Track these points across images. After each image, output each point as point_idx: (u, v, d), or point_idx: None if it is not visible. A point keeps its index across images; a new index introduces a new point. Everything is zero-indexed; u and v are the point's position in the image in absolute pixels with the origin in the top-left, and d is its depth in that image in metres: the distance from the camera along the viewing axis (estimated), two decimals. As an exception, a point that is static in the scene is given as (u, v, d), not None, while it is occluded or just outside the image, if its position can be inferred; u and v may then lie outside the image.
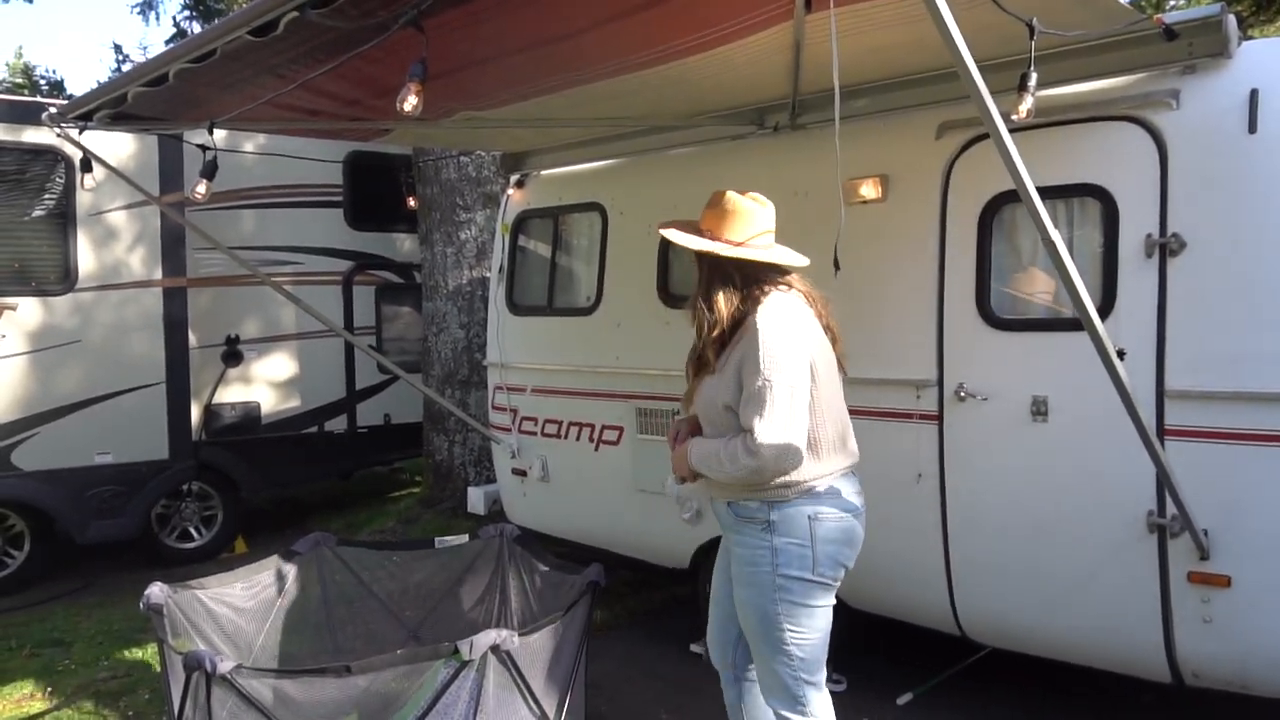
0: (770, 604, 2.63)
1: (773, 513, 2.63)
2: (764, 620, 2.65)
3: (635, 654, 4.59)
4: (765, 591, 2.64)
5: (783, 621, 2.63)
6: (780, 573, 2.62)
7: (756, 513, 2.65)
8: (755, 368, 2.51)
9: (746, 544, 2.68)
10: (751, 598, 2.68)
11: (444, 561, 3.86)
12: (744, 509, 2.67)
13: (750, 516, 2.66)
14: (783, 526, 2.62)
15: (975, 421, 3.47)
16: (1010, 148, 2.10)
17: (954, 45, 1.89)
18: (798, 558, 2.62)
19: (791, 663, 2.66)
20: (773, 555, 2.62)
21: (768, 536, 2.63)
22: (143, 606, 3.02)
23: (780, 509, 2.62)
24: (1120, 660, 3.31)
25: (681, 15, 2.69)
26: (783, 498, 2.62)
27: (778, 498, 2.62)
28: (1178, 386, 3.03)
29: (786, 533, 2.62)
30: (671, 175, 4.54)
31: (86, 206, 6.12)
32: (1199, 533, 2.94)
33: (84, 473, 6.17)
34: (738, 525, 2.71)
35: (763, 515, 2.64)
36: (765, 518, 2.64)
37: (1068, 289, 2.40)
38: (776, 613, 2.63)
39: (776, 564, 2.62)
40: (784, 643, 2.64)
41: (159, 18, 24.88)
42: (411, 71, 2.21)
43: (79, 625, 5.53)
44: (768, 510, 2.63)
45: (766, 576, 2.63)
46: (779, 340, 2.55)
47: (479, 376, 6.92)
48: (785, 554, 2.62)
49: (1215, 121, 3.01)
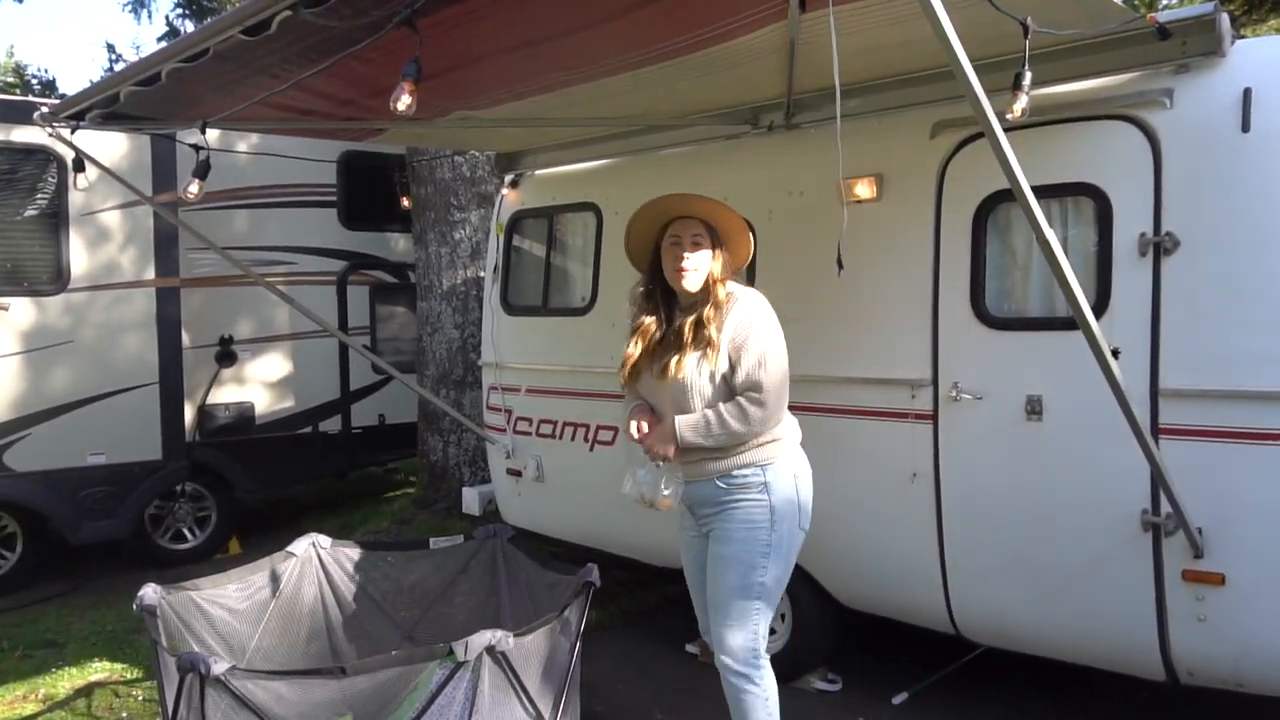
0: (761, 557, 2.89)
1: (766, 474, 2.90)
2: (748, 573, 2.89)
3: (630, 654, 4.58)
4: (757, 547, 2.89)
5: (764, 575, 2.90)
6: (778, 526, 2.90)
7: (752, 478, 2.91)
8: (759, 337, 2.87)
9: (741, 508, 2.91)
10: (739, 553, 2.90)
11: (439, 562, 3.85)
12: (738, 478, 2.91)
13: (745, 483, 2.91)
14: (776, 487, 2.91)
15: (970, 421, 3.47)
16: (1005, 147, 2.10)
17: (948, 44, 1.88)
18: (789, 515, 2.93)
19: (756, 619, 2.92)
20: (770, 514, 2.89)
21: (764, 497, 2.89)
22: (136, 608, 3.00)
23: (770, 470, 2.91)
24: (1115, 659, 3.31)
25: (676, 14, 2.69)
26: (769, 459, 2.91)
27: (765, 460, 2.91)
28: (1172, 385, 3.04)
29: (780, 492, 2.91)
30: (666, 175, 4.51)
31: (79, 206, 6.09)
32: (1193, 531, 2.95)
33: (77, 473, 6.14)
34: (730, 495, 2.92)
35: (758, 479, 2.90)
36: (761, 480, 2.90)
37: (1062, 288, 2.40)
38: (764, 565, 2.90)
39: (774, 521, 2.90)
40: (759, 593, 2.90)
41: (151, 16, 24.83)
42: (405, 71, 2.20)
43: (72, 626, 5.51)
44: (762, 473, 2.90)
45: (763, 533, 2.89)
46: (771, 315, 2.97)
47: (474, 377, 6.91)
48: (780, 512, 2.91)
49: (1209, 120, 3.01)
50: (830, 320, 3.83)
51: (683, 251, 2.95)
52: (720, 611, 2.95)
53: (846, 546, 3.87)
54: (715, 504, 2.95)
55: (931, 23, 1.88)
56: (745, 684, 2.95)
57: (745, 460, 2.90)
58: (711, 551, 3.00)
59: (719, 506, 2.95)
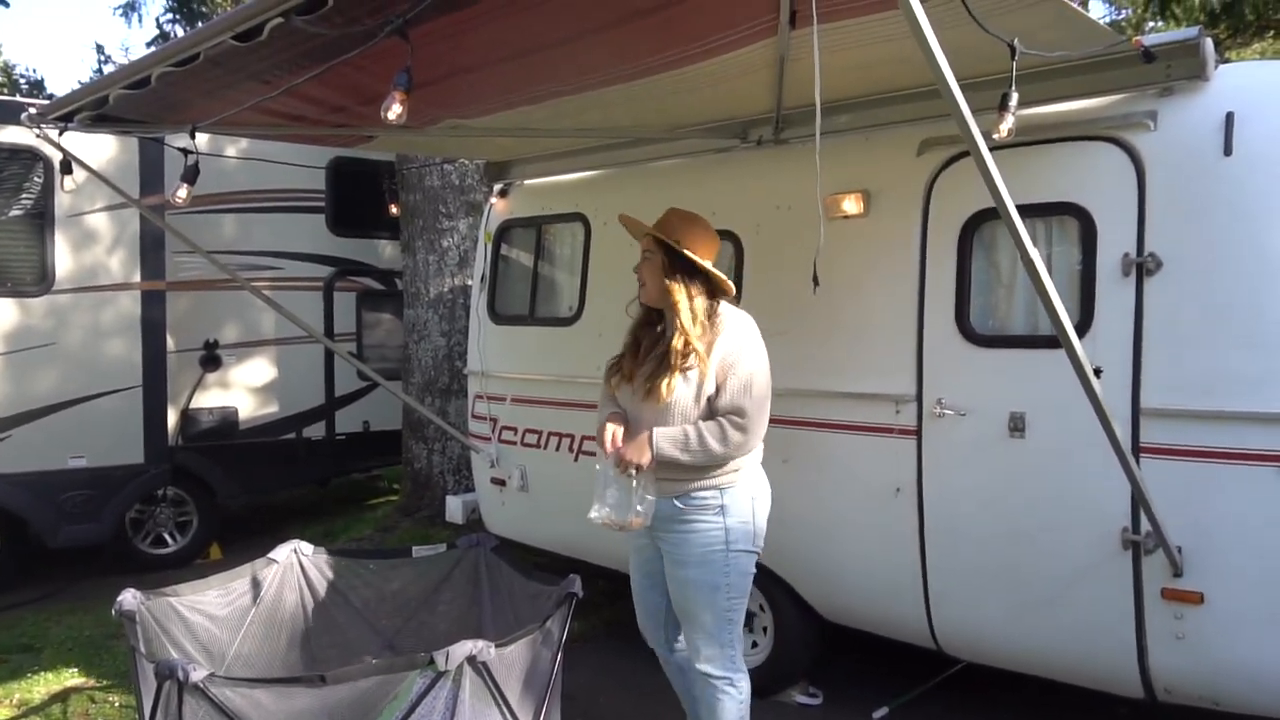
0: (722, 578, 3.00)
1: (724, 497, 2.99)
2: (714, 594, 3.01)
3: (611, 665, 4.57)
4: (718, 568, 3.00)
5: (732, 593, 3.03)
6: (733, 549, 3.00)
7: (710, 499, 3.00)
8: (747, 362, 2.94)
9: (697, 529, 3.00)
10: (703, 575, 3.01)
11: (421, 571, 3.83)
12: (697, 499, 2.99)
13: (704, 504, 3.00)
14: (732, 510, 3.00)
15: (953, 437, 3.49)
16: (990, 166, 2.12)
17: (935, 63, 1.90)
18: (745, 535, 3.02)
19: (731, 629, 3.07)
20: (726, 535, 2.99)
21: (720, 519, 2.99)
22: (115, 613, 2.98)
23: (728, 494, 3.00)
24: (1094, 676, 3.33)
25: (667, 29, 2.70)
26: (730, 483, 3.00)
27: (726, 483, 3.00)
28: (1153, 405, 3.07)
29: (736, 514, 3.00)
30: (655, 187, 4.54)
31: (65, 208, 6.07)
32: (1173, 549, 2.97)
33: (57, 476, 6.09)
34: (687, 515, 3.01)
35: (716, 501, 2.99)
36: (718, 503, 2.99)
37: (1046, 307, 2.42)
38: (727, 584, 3.01)
39: (729, 542, 3.00)
40: (729, 610, 3.04)
41: (141, 20, 24.75)
42: (396, 80, 2.21)
43: (49, 631, 5.45)
44: (720, 495, 2.99)
45: (720, 555, 2.99)
46: (759, 342, 3.03)
47: (459, 385, 6.90)
48: (735, 533, 3.00)
49: (1192, 143, 3.05)
50: (816, 335, 3.85)
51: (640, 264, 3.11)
52: (693, 626, 3.08)
53: (829, 560, 3.88)
54: (672, 522, 3.02)
55: (919, 42, 1.90)
56: (726, 687, 3.07)
57: (706, 483, 2.98)
58: (671, 571, 3.09)
59: (675, 526, 3.02)
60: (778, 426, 3.92)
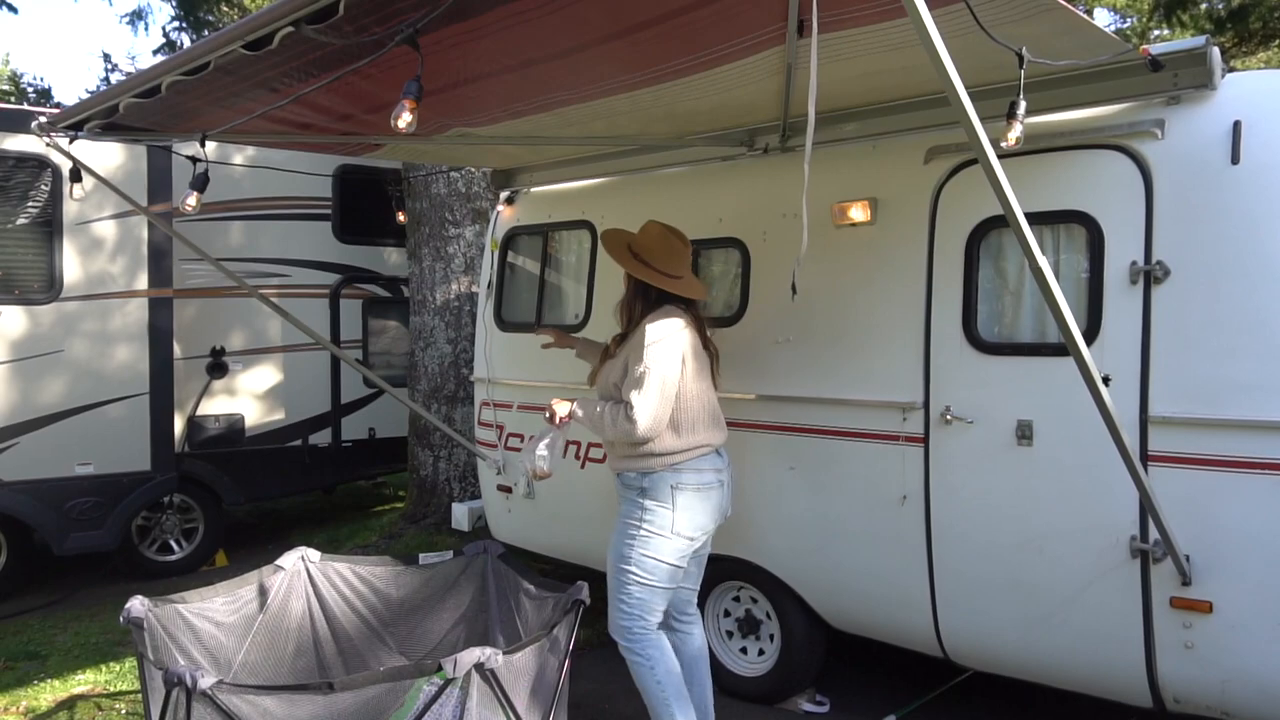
0: (628, 550, 3.35)
1: (644, 481, 3.36)
2: (620, 562, 3.37)
3: (617, 672, 4.52)
4: (629, 541, 3.35)
5: (633, 567, 3.34)
6: (644, 528, 3.34)
7: (634, 481, 3.39)
8: (639, 358, 3.29)
9: (625, 505, 3.43)
10: (616, 543, 3.40)
11: (428, 578, 3.84)
12: (626, 478, 3.42)
13: (629, 484, 3.41)
14: (651, 493, 3.35)
15: (961, 444, 3.48)
16: (999, 174, 2.12)
17: (944, 72, 1.91)
18: (659, 519, 3.33)
19: (630, 601, 3.36)
20: (642, 513, 3.35)
21: (641, 500, 3.37)
22: (123, 620, 2.98)
23: (649, 479, 3.35)
24: (1102, 685, 3.32)
25: (675, 37, 2.71)
26: (651, 469, 3.35)
27: (646, 468, 3.36)
28: (1161, 413, 3.06)
29: (654, 497, 3.34)
30: (662, 195, 4.56)
31: (73, 215, 6.09)
32: (1181, 558, 2.96)
33: (64, 483, 6.10)
34: (622, 491, 3.45)
35: (637, 483, 3.38)
36: (639, 485, 3.38)
37: (1054, 315, 2.42)
38: (630, 558, 3.34)
39: (644, 520, 3.34)
40: (627, 583, 3.35)
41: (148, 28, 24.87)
42: (406, 89, 2.21)
43: (55, 638, 5.46)
44: (641, 479, 3.37)
45: (634, 529, 3.35)
46: (659, 342, 3.31)
47: (465, 392, 6.91)
48: (650, 515, 3.34)
49: (1199, 152, 3.05)
50: (822, 342, 3.86)
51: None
52: (609, 589, 3.46)
53: (836, 568, 3.87)
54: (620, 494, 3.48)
55: (927, 50, 1.91)
56: (628, 654, 3.39)
57: (632, 466, 3.39)
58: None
59: (620, 496, 3.47)
60: (783, 434, 3.97)
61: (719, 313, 4.25)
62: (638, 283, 3.48)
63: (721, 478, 3.47)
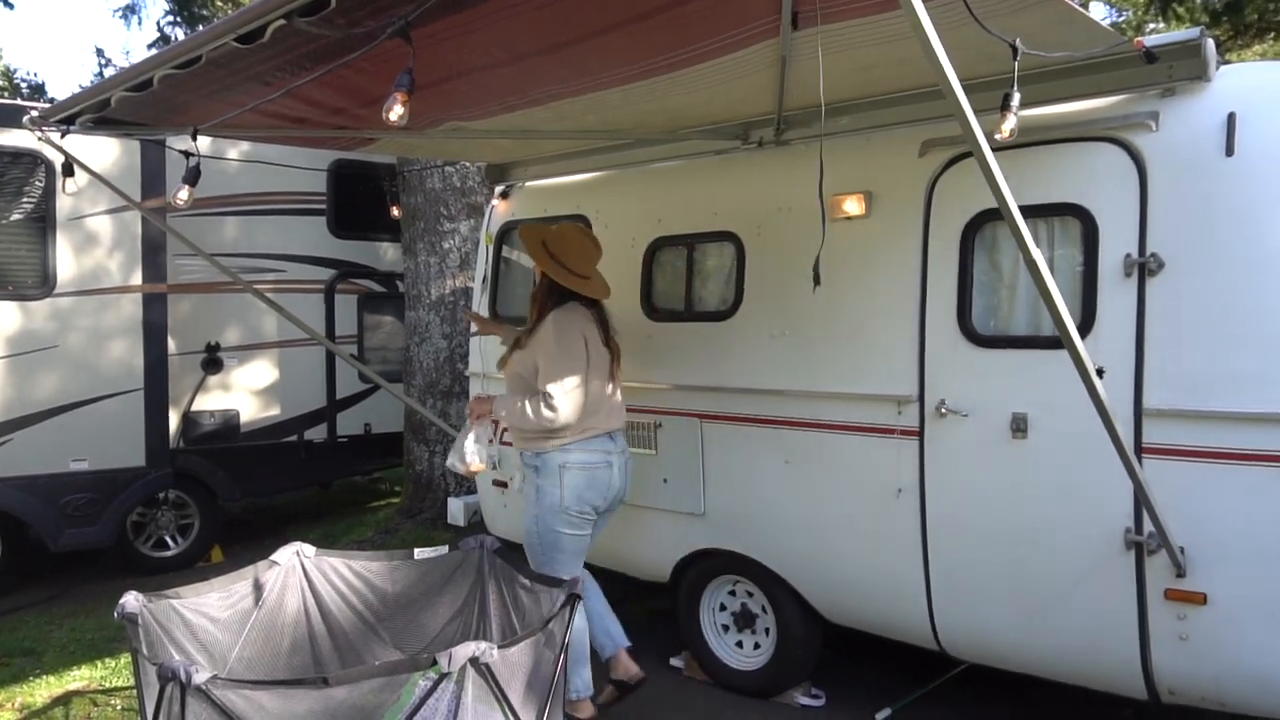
0: (532, 524, 3.78)
1: (537, 460, 3.75)
2: (527, 535, 3.82)
3: (614, 667, 4.55)
4: (530, 515, 3.79)
5: (540, 542, 3.77)
6: (539, 503, 3.74)
7: (530, 460, 3.79)
8: (548, 352, 3.65)
9: (526, 482, 3.83)
10: (525, 521, 3.83)
11: (423, 573, 3.82)
12: (525, 457, 3.81)
13: (528, 463, 3.81)
14: (543, 471, 3.74)
15: (956, 438, 3.48)
16: (993, 166, 2.12)
17: (938, 64, 1.90)
18: (550, 494, 3.72)
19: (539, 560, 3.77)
20: (536, 491, 3.75)
21: (535, 478, 3.76)
22: (117, 615, 2.96)
23: (541, 458, 3.73)
24: (1097, 677, 3.32)
25: (668, 30, 2.70)
26: (543, 449, 3.72)
27: (540, 449, 3.73)
28: (1155, 405, 3.06)
29: (545, 475, 3.73)
30: (656, 188, 4.55)
31: (66, 211, 6.07)
32: (1176, 550, 2.96)
33: (59, 479, 6.09)
34: (524, 469, 3.84)
35: (532, 462, 3.77)
36: (534, 464, 3.76)
37: (1048, 307, 2.42)
38: (536, 532, 3.78)
39: (538, 497, 3.75)
40: (539, 552, 3.78)
41: (141, 22, 24.78)
42: (398, 82, 2.20)
43: (50, 634, 5.46)
44: (535, 458, 3.76)
45: (533, 505, 3.77)
46: (559, 338, 3.68)
47: (461, 387, 6.90)
48: (542, 490, 3.74)
49: (1193, 144, 3.05)
50: (817, 335, 3.85)
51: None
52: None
53: (831, 561, 3.88)
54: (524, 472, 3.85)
55: (921, 43, 1.90)
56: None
57: (528, 447, 3.77)
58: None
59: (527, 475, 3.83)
60: (778, 427, 3.97)
61: (714, 307, 4.25)
62: (549, 281, 3.78)
63: (610, 459, 3.79)
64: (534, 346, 3.73)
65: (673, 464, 4.32)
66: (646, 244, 4.49)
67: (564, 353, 3.64)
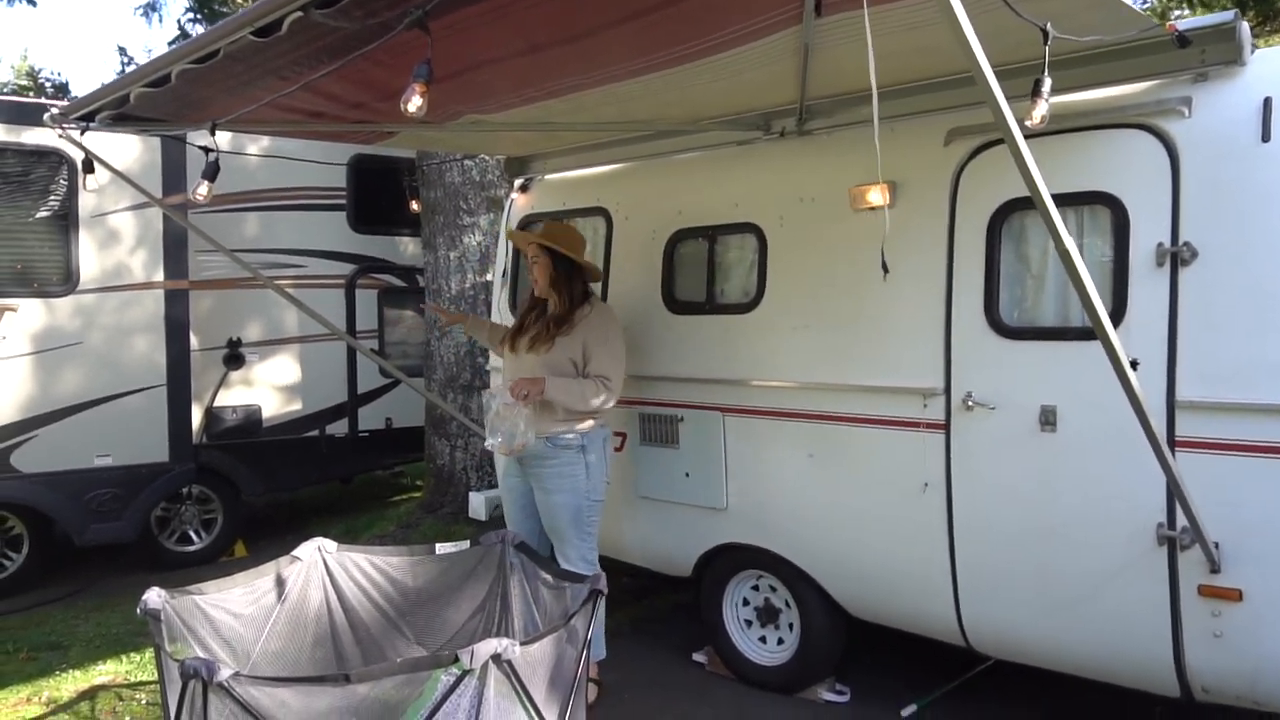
0: (585, 501, 3.97)
1: (583, 440, 3.96)
2: (577, 513, 3.97)
3: (637, 662, 4.54)
4: (580, 494, 3.96)
5: (591, 513, 4.01)
6: (590, 478, 3.97)
7: (573, 442, 3.94)
8: (613, 340, 3.99)
9: (562, 464, 3.94)
10: (568, 500, 3.96)
11: (445, 568, 3.80)
12: (561, 439, 3.93)
13: (566, 445, 3.94)
14: (590, 448, 3.97)
15: (983, 431, 3.43)
16: (1026, 154, 2.07)
17: (970, 50, 1.85)
18: (597, 468, 4.00)
19: (591, 539, 4.04)
20: (586, 469, 3.96)
21: (581, 456, 3.95)
22: (140, 611, 2.97)
23: (587, 436, 3.97)
24: (1128, 674, 3.27)
25: (691, 19, 2.65)
26: (587, 429, 3.97)
27: (585, 429, 3.97)
28: (1189, 397, 3.00)
29: (592, 451, 3.98)
30: (676, 180, 4.51)
31: (89, 208, 6.10)
32: (1210, 545, 2.90)
33: (84, 475, 6.13)
34: (555, 453, 3.94)
35: (577, 443, 3.95)
36: (579, 444, 3.95)
37: (1081, 298, 2.36)
38: (590, 506, 4.00)
39: (589, 473, 3.96)
40: (590, 525, 4.02)
41: (162, 20, 25.04)
42: (416, 73, 2.17)
43: (76, 629, 5.49)
44: (580, 438, 3.95)
45: (582, 483, 3.95)
46: (619, 325, 4.06)
47: (481, 381, 6.89)
48: (595, 467, 3.99)
49: (1227, 130, 2.97)
50: (841, 328, 3.80)
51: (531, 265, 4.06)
52: (563, 539, 4.02)
53: (856, 556, 3.83)
54: (539, 458, 3.95)
55: (951, 28, 1.85)
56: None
57: (566, 429, 3.92)
58: (542, 499, 4.01)
59: (542, 459, 3.95)
60: (802, 421, 3.92)
61: (736, 299, 4.21)
62: (574, 268, 4.01)
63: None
64: (583, 332, 3.93)
65: (694, 458, 4.28)
66: (667, 236, 4.45)
67: (619, 338, 4.01)
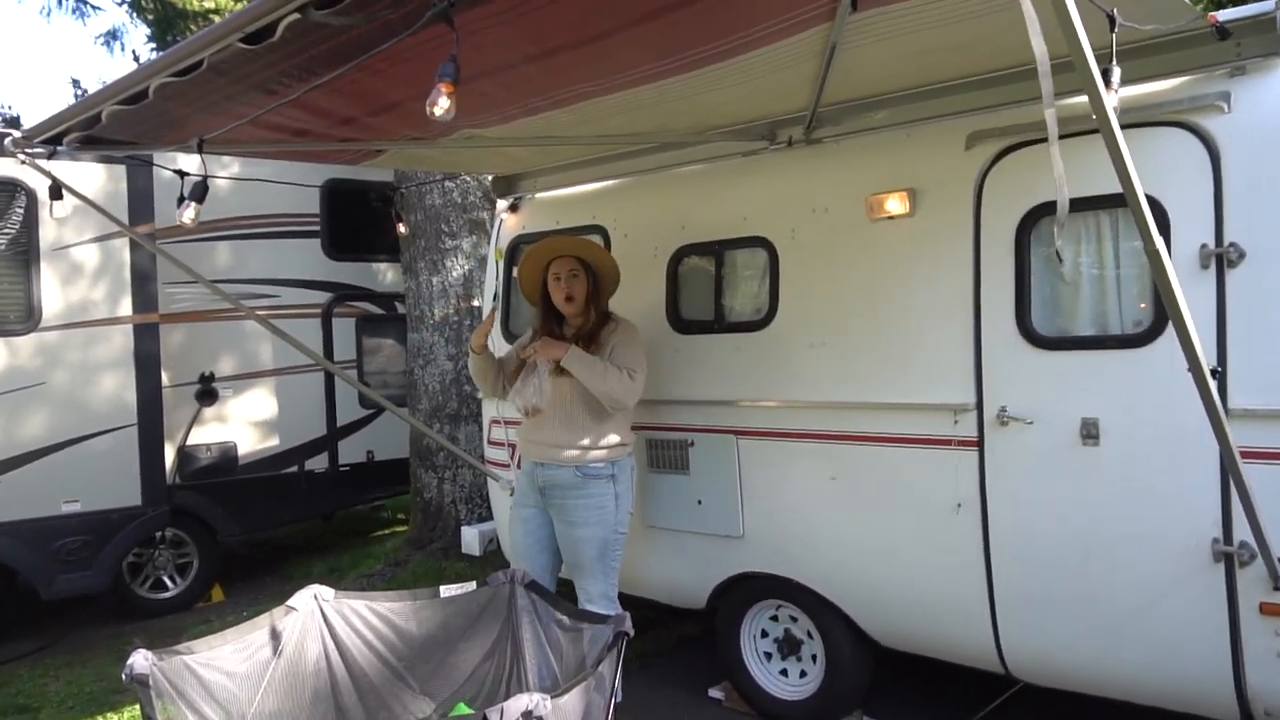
0: (612, 534, 3.75)
1: (613, 469, 3.75)
2: (604, 548, 3.75)
3: (650, 701, 4.32)
4: (609, 527, 3.74)
5: (617, 547, 3.79)
6: (619, 509, 3.76)
7: (603, 471, 3.73)
8: (633, 344, 3.80)
9: (591, 495, 3.72)
10: (595, 534, 3.72)
11: (451, 612, 3.57)
12: (591, 469, 3.72)
13: (597, 474, 3.72)
14: (619, 478, 3.76)
15: (1019, 446, 3.26)
16: (1123, 147, 1.93)
17: (1072, 33, 1.69)
18: (625, 498, 3.79)
19: (615, 573, 3.82)
20: (616, 500, 3.74)
21: (611, 486, 3.73)
22: (125, 678, 2.71)
23: (617, 465, 3.76)
24: (1182, 698, 3.10)
25: (719, 16, 2.48)
26: (618, 458, 3.77)
27: (615, 458, 3.76)
28: (1241, 405, 2.85)
29: (621, 482, 3.77)
30: (678, 194, 4.33)
31: (50, 241, 5.80)
32: (1275, 561, 2.75)
33: (50, 523, 5.78)
34: (582, 483, 3.72)
35: (608, 472, 3.73)
36: (610, 473, 3.73)
37: (1167, 304, 2.20)
38: (616, 540, 3.77)
39: (619, 505, 3.75)
40: (615, 560, 3.80)
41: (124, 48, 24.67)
42: (441, 72, 1.96)
43: (46, 688, 5.15)
44: (610, 468, 3.74)
45: (611, 515, 3.74)
46: (641, 339, 3.90)
47: (468, 410, 6.65)
48: (623, 498, 3.78)
49: (1271, 124, 2.85)
50: (863, 343, 3.63)
51: (562, 284, 3.81)
52: (586, 574, 3.79)
53: (885, 583, 3.64)
54: (571, 489, 3.73)
55: (1060, 20, 1.69)
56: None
57: (600, 456, 3.72)
58: (565, 532, 3.78)
59: (573, 493, 3.73)
60: (823, 442, 3.74)
61: (746, 317, 4.02)
62: (597, 284, 3.87)
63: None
64: (614, 339, 3.77)
65: (707, 484, 4.08)
66: (670, 253, 4.26)
67: (643, 347, 3.85)
